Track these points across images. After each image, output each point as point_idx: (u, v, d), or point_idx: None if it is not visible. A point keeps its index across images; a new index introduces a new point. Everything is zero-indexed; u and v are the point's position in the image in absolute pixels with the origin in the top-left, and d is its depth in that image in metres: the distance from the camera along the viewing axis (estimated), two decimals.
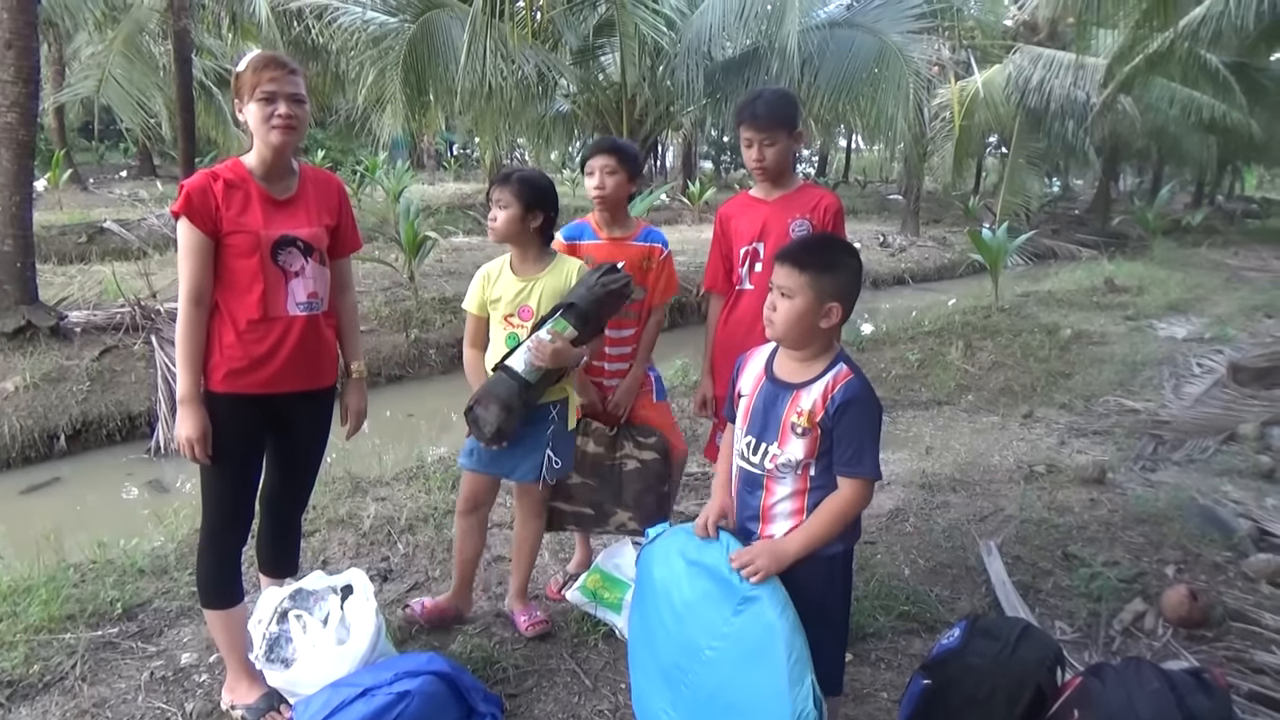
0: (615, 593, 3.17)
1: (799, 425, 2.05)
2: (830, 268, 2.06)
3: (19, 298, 7.14)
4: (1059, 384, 6.96)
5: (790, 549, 2.07)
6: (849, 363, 2.07)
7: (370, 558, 3.76)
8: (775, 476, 2.11)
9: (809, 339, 2.10)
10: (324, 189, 2.71)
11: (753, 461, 2.15)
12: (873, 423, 2.04)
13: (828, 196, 3.11)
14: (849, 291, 2.08)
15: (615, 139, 3.25)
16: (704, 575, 2.22)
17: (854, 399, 2.02)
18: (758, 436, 2.14)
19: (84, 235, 13.07)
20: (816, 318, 2.06)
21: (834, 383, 2.04)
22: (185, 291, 2.45)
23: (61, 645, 3.04)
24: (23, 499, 5.77)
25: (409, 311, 9.15)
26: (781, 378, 2.13)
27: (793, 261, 2.09)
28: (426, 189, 20.36)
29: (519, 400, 2.73)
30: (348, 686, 2.47)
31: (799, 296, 2.07)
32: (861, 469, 2.02)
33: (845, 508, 2.06)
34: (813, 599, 2.08)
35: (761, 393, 2.15)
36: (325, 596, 2.79)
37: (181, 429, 2.46)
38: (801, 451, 2.07)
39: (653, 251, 3.17)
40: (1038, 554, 3.81)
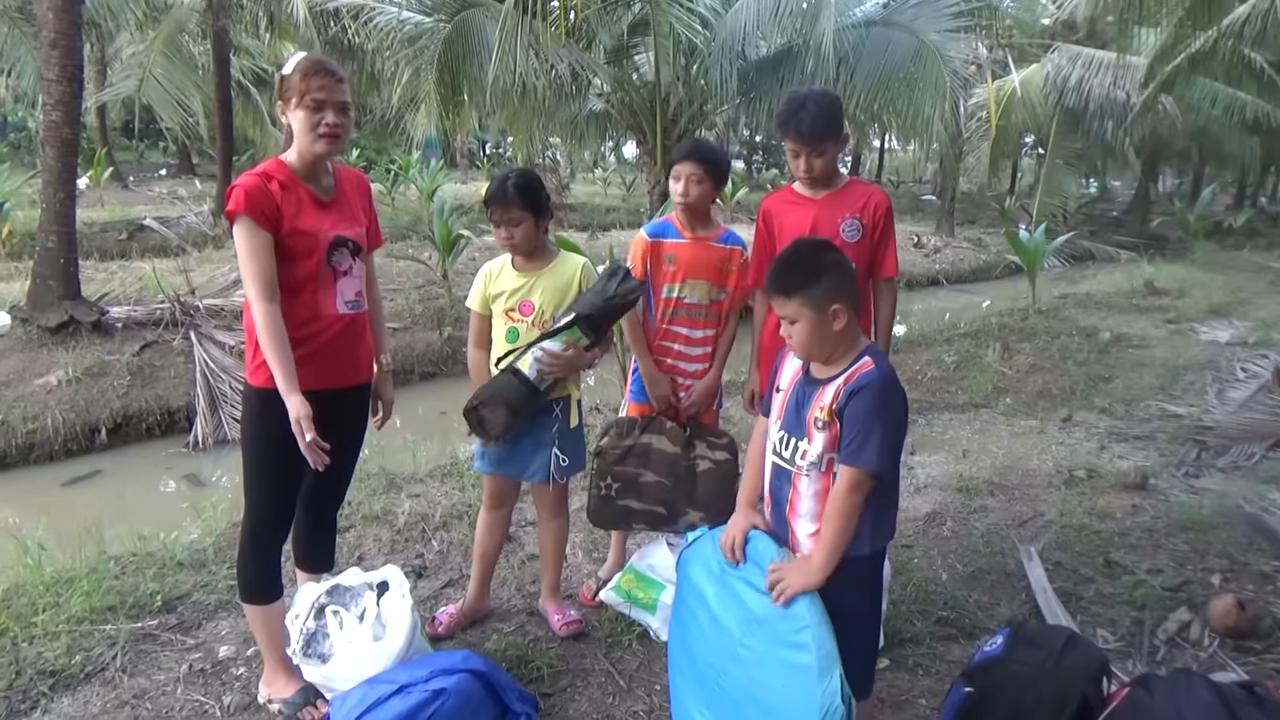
0: (650, 593, 3.15)
1: (820, 418, 2.04)
2: (814, 278, 2.04)
3: (62, 293, 7.26)
4: (1098, 388, 6.84)
5: (816, 565, 2.04)
6: (875, 356, 2.05)
7: (405, 554, 3.78)
8: (802, 474, 2.09)
9: (829, 347, 2.09)
10: (358, 188, 2.73)
11: (784, 456, 2.14)
12: (885, 413, 1.98)
13: (877, 194, 3.07)
14: (844, 287, 2.05)
15: (707, 146, 3.18)
16: (737, 576, 2.21)
17: (865, 387, 1.99)
18: (790, 432, 2.13)
19: (124, 232, 13.28)
20: (826, 328, 2.04)
21: (854, 373, 2.03)
22: (258, 291, 2.39)
23: (102, 636, 3.08)
24: (64, 491, 5.87)
25: (442, 309, 9.20)
26: (814, 375, 2.12)
27: (778, 290, 2.08)
28: (460, 188, 20.44)
29: (526, 405, 2.76)
30: (384, 683, 2.48)
31: (800, 319, 2.06)
32: (860, 458, 1.97)
33: (842, 502, 2.01)
34: (843, 604, 2.05)
35: (796, 388, 2.15)
36: (361, 593, 2.80)
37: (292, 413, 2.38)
38: (822, 446, 2.05)
39: (734, 254, 3.16)
40: (1079, 560, 3.75)
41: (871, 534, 2.06)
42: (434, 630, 3.07)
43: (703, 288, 3.14)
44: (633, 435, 3.19)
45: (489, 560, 3.17)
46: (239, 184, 2.41)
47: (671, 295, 3.14)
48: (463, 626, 3.14)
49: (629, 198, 21.62)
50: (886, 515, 2.12)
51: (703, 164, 3.05)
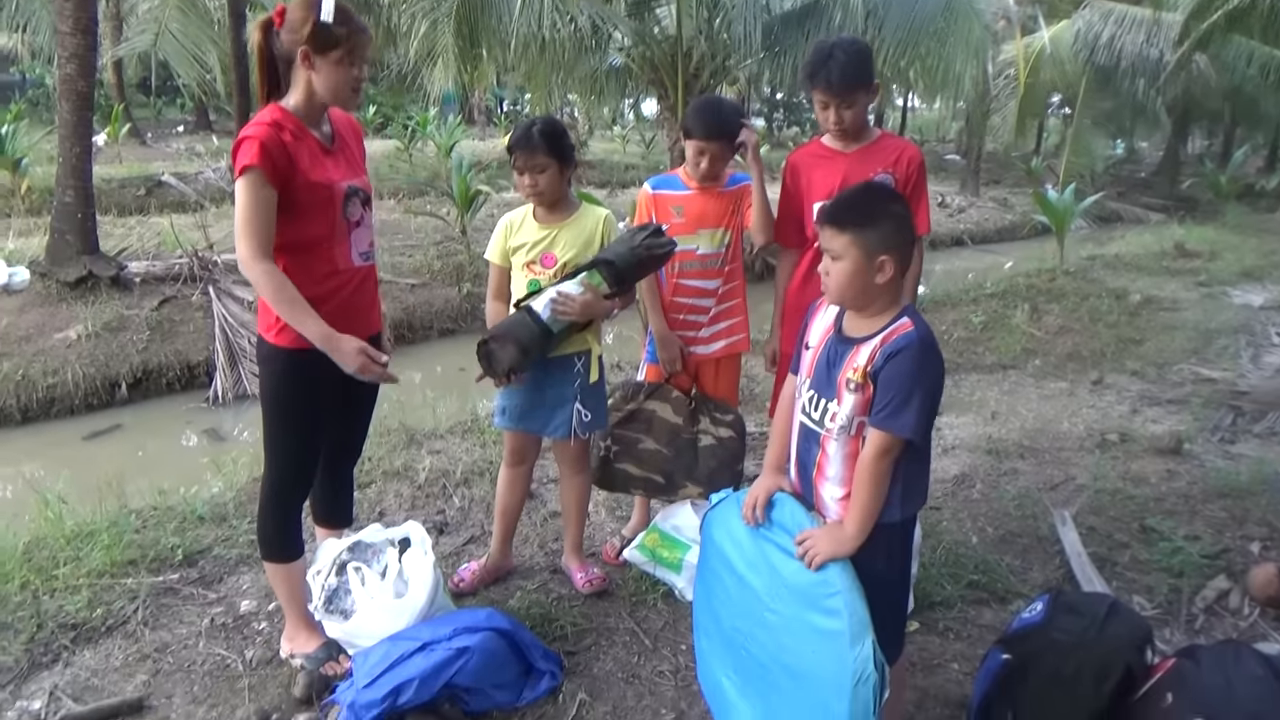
0: (674, 552, 3.10)
1: (853, 380, 1.94)
2: (873, 220, 1.92)
3: (80, 248, 7.23)
4: (1129, 350, 6.71)
5: (849, 534, 1.96)
6: (914, 317, 1.94)
7: (426, 510, 3.74)
8: (831, 437, 2.00)
9: (868, 298, 1.97)
10: (355, 134, 2.63)
11: (813, 417, 2.04)
12: (923, 378, 1.88)
13: (910, 148, 2.95)
14: (899, 241, 1.93)
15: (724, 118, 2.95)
16: (764, 540, 2.14)
17: (905, 348, 1.88)
18: (819, 392, 2.03)
19: (142, 188, 13.25)
20: (870, 276, 1.92)
21: (891, 334, 1.92)
22: (257, 249, 2.27)
23: (123, 590, 3.06)
24: (86, 445, 5.88)
25: (461, 266, 9.13)
26: (847, 332, 2.01)
27: (832, 221, 1.96)
28: (477, 144, 20.28)
29: (537, 346, 2.65)
30: (406, 640, 2.44)
31: (846, 258, 1.94)
32: (894, 423, 1.87)
33: (873, 468, 1.92)
34: (873, 570, 1.98)
35: (827, 347, 2.04)
36: (383, 549, 2.76)
37: (348, 357, 2.31)
38: (852, 408, 1.95)
39: (743, 191, 3.03)
40: (1113, 526, 3.66)
41: (902, 500, 1.97)
42: (457, 587, 3.03)
43: (715, 235, 3.04)
44: (637, 399, 3.13)
45: (511, 517, 3.13)
46: (251, 135, 2.27)
47: (681, 247, 3.01)
48: (485, 583, 3.10)
49: (648, 155, 21.38)
50: (918, 481, 2.03)
51: (722, 139, 2.92)
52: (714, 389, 3.20)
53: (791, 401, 2.18)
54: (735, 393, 3.33)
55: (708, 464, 3.10)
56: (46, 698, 2.54)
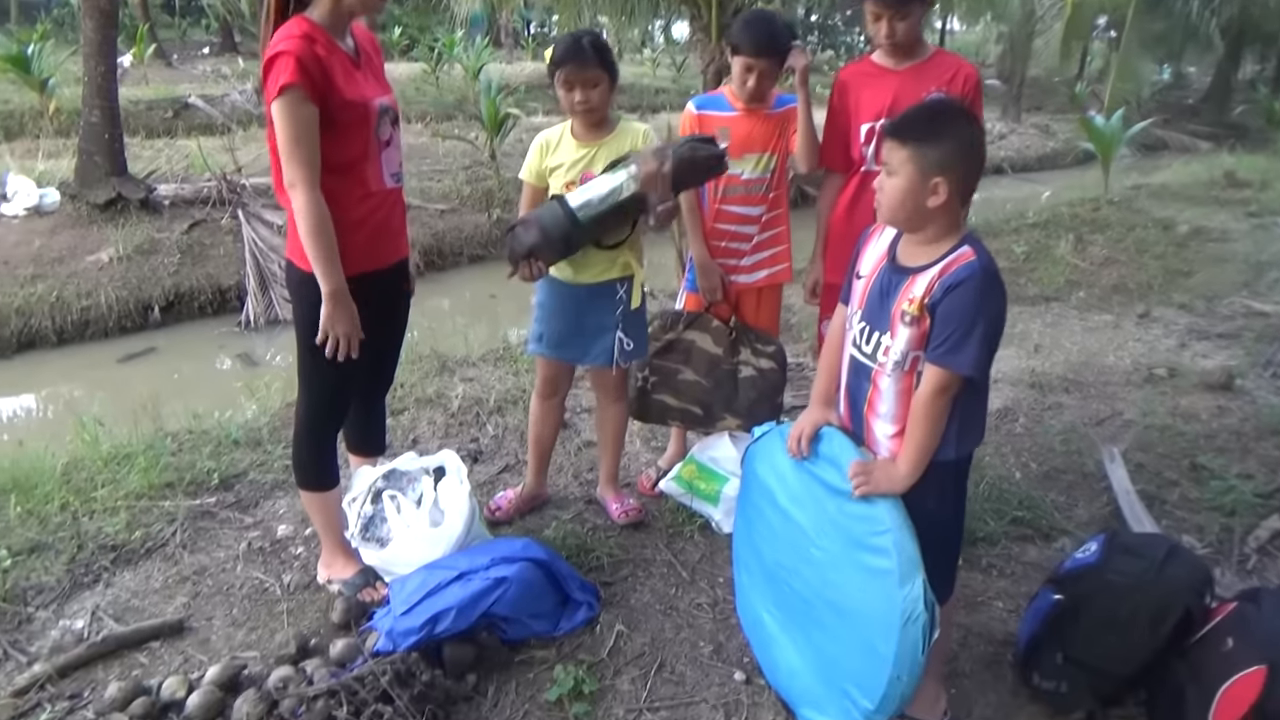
0: (712, 484, 3.05)
1: (909, 312, 1.83)
2: (934, 137, 1.80)
3: (109, 169, 7.18)
4: (1177, 283, 6.49)
5: (902, 472, 1.89)
6: (976, 245, 1.81)
7: (460, 438, 3.71)
8: (884, 372, 1.91)
9: (919, 220, 1.86)
10: (375, 48, 2.49)
11: (865, 351, 1.95)
12: (984, 312, 1.77)
13: (966, 66, 2.78)
14: (959, 164, 1.80)
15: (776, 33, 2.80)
16: (810, 475, 2.08)
17: (966, 280, 1.77)
18: (871, 324, 1.93)
19: (169, 110, 13.13)
20: (921, 196, 1.80)
21: (951, 264, 1.80)
22: (305, 176, 2.16)
23: (161, 513, 3.06)
24: (120, 367, 5.91)
25: (490, 191, 9.00)
26: (902, 261, 1.90)
27: (894, 133, 1.85)
28: (505, 68, 19.82)
29: (560, 234, 2.55)
30: (443, 569, 2.42)
31: (900, 174, 1.83)
32: (953, 359, 1.77)
33: (929, 405, 1.83)
34: (924, 507, 1.91)
35: (880, 276, 1.93)
36: (418, 478, 2.73)
37: (336, 324, 2.26)
38: (906, 343, 1.85)
39: (790, 114, 2.89)
40: (1162, 463, 3.56)
41: (958, 438, 1.89)
42: (493, 515, 3.01)
43: (761, 160, 2.91)
44: (676, 329, 3.04)
45: (545, 447, 3.08)
46: (285, 50, 2.12)
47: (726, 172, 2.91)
48: (521, 513, 3.07)
49: (679, 79, 20.88)
50: (975, 419, 1.94)
51: (772, 57, 2.77)
52: (755, 319, 3.11)
53: (841, 333, 2.09)
54: (777, 323, 3.24)
55: (747, 395, 3.03)
56: (89, 617, 2.56)
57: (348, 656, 2.29)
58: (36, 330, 6.06)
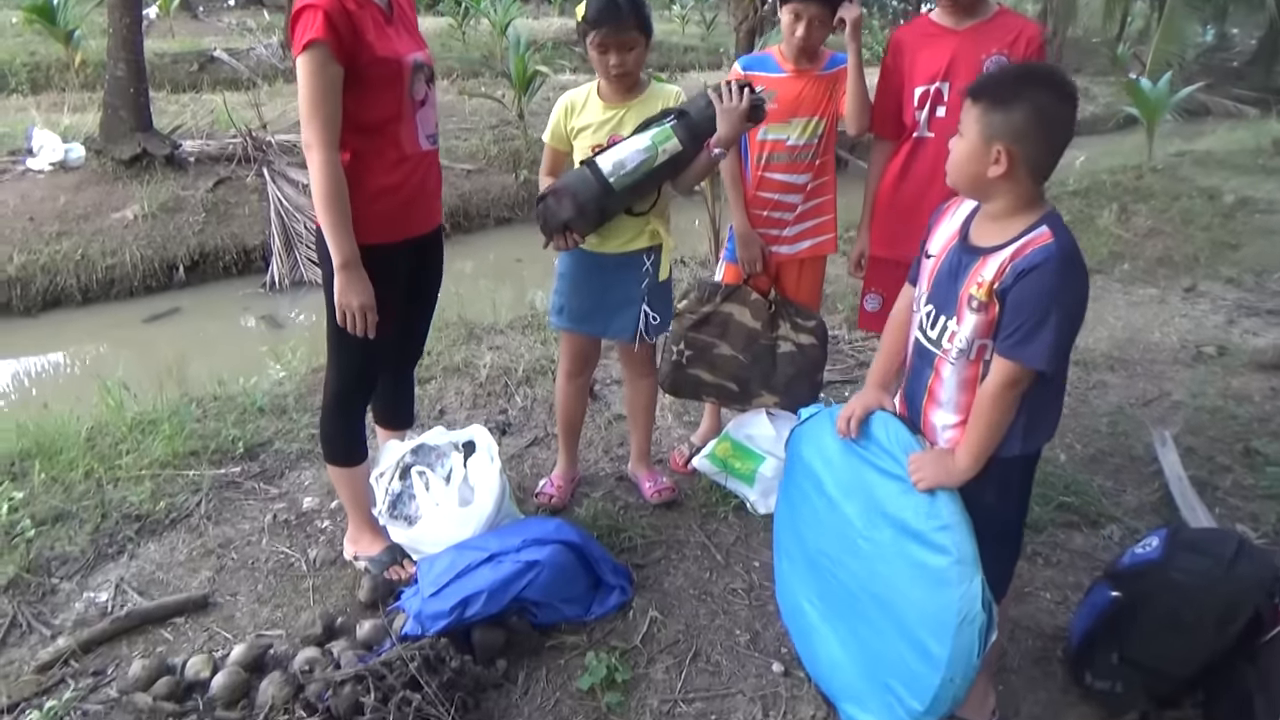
0: (747, 463, 2.95)
1: (976, 297, 1.70)
2: (1005, 102, 1.65)
3: (134, 124, 7.10)
4: (1224, 255, 6.28)
5: (961, 466, 1.78)
6: (1055, 225, 1.66)
7: (488, 409, 3.63)
8: (947, 359, 1.79)
9: (981, 190, 1.73)
10: (409, 1, 2.37)
11: (929, 335, 1.83)
12: (1060, 300, 1.62)
13: (1030, 27, 2.63)
14: (1028, 135, 1.64)
15: None
16: (862, 461, 1.98)
17: (1040, 265, 1.62)
18: (938, 307, 1.81)
19: (195, 64, 12.99)
20: (981, 163, 1.67)
21: (1025, 246, 1.66)
22: (323, 138, 2.07)
23: (186, 482, 3.01)
24: (145, 327, 5.87)
25: (518, 151, 8.85)
26: (974, 240, 1.77)
27: (969, 93, 1.72)
28: (533, 23, 19.49)
29: (595, 204, 2.42)
30: (473, 550, 2.35)
31: (965, 136, 1.71)
32: (1024, 352, 1.64)
33: (996, 399, 1.71)
34: (982, 501, 1.80)
35: (949, 256, 1.80)
36: (448, 453, 2.66)
37: (349, 297, 2.17)
38: (972, 329, 1.73)
39: (839, 75, 2.73)
40: (1214, 447, 3.43)
41: (1025, 432, 1.76)
42: (543, 502, 2.90)
43: (810, 124, 2.76)
44: (713, 302, 2.92)
45: (575, 429, 2.98)
46: (312, 3, 2.02)
47: (769, 137, 2.76)
48: (569, 490, 2.97)
49: (708, 37, 20.46)
50: (1046, 413, 1.81)
51: (823, 4, 2.60)
52: (795, 292, 2.98)
53: (905, 314, 1.98)
54: (818, 296, 3.11)
55: (785, 372, 2.92)
56: (113, 590, 2.51)
57: (375, 639, 2.24)
58: (62, 289, 6.03)
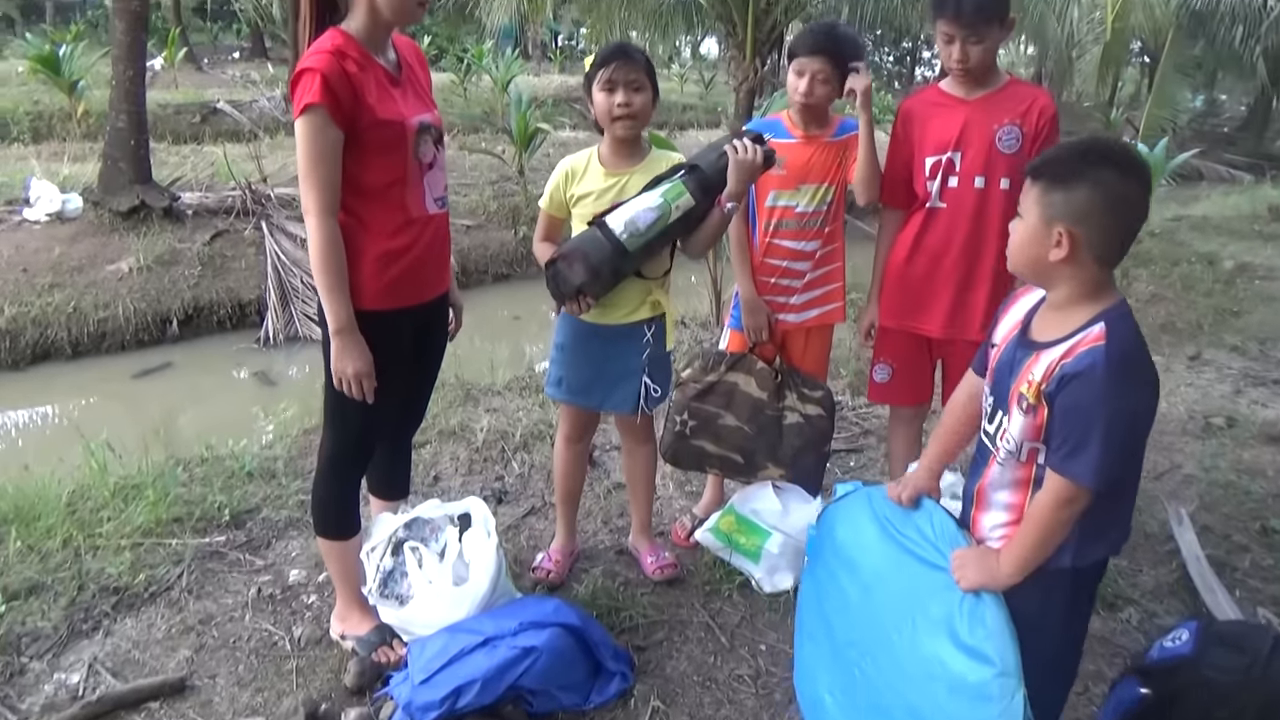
0: (753, 539, 2.85)
1: (1026, 397, 1.60)
2: (1066, 180, 1.55)
3: (133, 176, 7.08)
4: (1227, 323, 6.24)
5: (1003, 571, 1.67)
6: (1115, 322, 1.55)
7: (484, 476, 3.53)
8: (998, 458, 1.70)
9: (1043, 275, 1.64)
10: (420, 61, 2.34)
11: (987, 430, 1.74)
12: (1113, 408, 1.50)
13: (1042, 97, 2.59)
14: (1093, 217, 1.54)
15: (841, 37, 2.66)
16: (901, 549, 1.87)
17: (1088, 370, 1.50)
18: (996, 401, 1.72)
19: (198, 115, 13.10)
20: (1041, 247, 1.58)
21: (1076, 346, 1.55)
22: (320, 203, 2.03)
23: (168, 552, 2.89)
24: (135, 383, 5.77)
25: (517, 207, 8.86)
26: (1032, 334, 1.67)
27: (1030, 171, 1.64)
28: (533, 80, 19.77)
29: (609, 268, 2.35)
30: (468, 633, 2.24)
31: (1025, 217, 1.63)
32: (1072, 468, 1.53)
33: (1046, 515, 1.60)
34: (1026, 611, 1.68)
35: (1008, 348, 1.72)
36: (442, 527, 2.56)
37: (345, 364, 2.10)
38: (1021, 431, 1.62)
39: (849, 142, 2.69)
40: (1229, 525, 3.33)
41: (1078, 545, 1.64)
42: (540, 577, 2.78)
43: (819, 191, 2.71)
44: (718, 371, 2.84)
45: (574, 500, 2.88)
46: (311, 66, 1.98)
47: (779, 204, 2.72)
48: (568, 564, 2.86)
49: (706, 96, 20.75)
50: (1107, 525, 1.67)
51: (833, 59, 2.58)
52: (801, 360, 2.91)
53: (963, 400, 1.89)
54: (825, 365, 3.04)
55: (792, 444, 2.82)
56: (85, 670, 2.38)
57: None
58: (52, 341, 5.95)
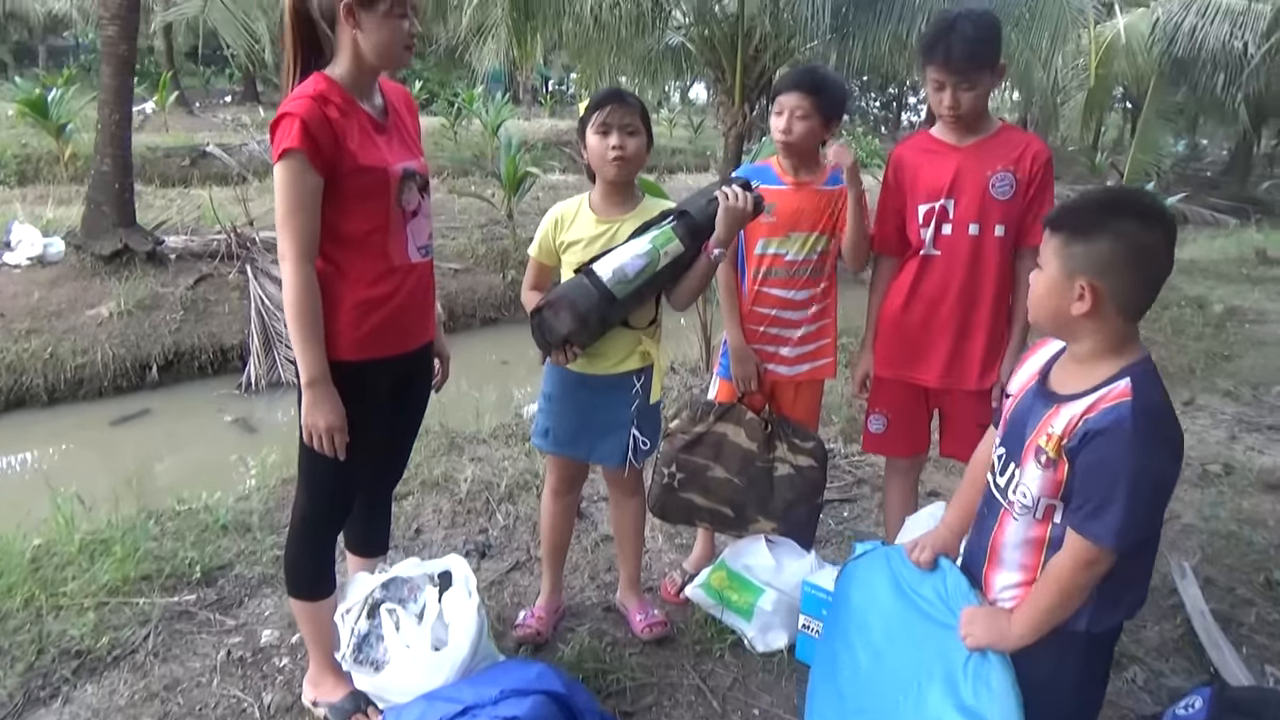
0: (745, 596, 2.74)
1: (1045, 451, 1.54)
2: (1087, 232, 1.51)
3: (117, 220, 7.01)
4: (1219, 367, 6.22)
5: (1014, 632, 1.60)
6: (1142, 379, 1.50)
7: (467, 529, 3.42)
8: (1012, 514, 1.62)
9: (1065, 329, 1.58)
10: (409, 107, 2.28)
11: (997, 483, 1.67)
12: (1134, 469, 1.45)
13: (1035, 143, 2.55)
14: (1116, 270, 1.49)
15: (817, 74, 2.65)
16: (914, 610, 1.80)
17: (1111, 428, 1.45)
18: (1008, 452, 1.66)
19: (187, 158, 13.10)
20: (1063, 299, 1.53)
21: (1100, 401, 1.49)
22: (297, 249, 1.97)
23: (135, 612, 2.77)
24: (112, 430, 5.64)
25: (506, 251, 8.82)
26: (1052, 385, 1.61)
27: (1049, 222, 1.59)
28: (523, 124, 19.91)
29: (596, 316, 2.28)
30: (446, 701, 2.11)
31: (1046, 269, 1.58)
32: (1093, 528, 1.47)
33: (1064, 577, 1.53)
34: (1035, 675, 1.61)
35: (1025, 398, 1.66)
36: (421, 586, 2.44)
37: (316, 417, 2.02)
38: (1039, 487, 1.56)
39: (842, 193, 2.63)
40: (1233, 577, 3.25)
41: (1094, 609, 1.56)
42: (525, 635, 2.67)
43: (809, 240, 2.65)
44: (706, 421, 2.76)
45: (560, 552, 2.78)
46: (291, 110, 1.93)
47: (768, 251, 2.66)
48: (552, 621, 2.75)
49: (695, 140, 20.92)
50: (1124, 588, 1.59)
51: (810, 95, 2.54)
52: (792, 410, 2.83)
53: (986, 457, 1.82)
54: (816, 415, 2.96)
55: (784, 496, 2.74)
56: None
57: None
58: (27, 388, 5.82)
